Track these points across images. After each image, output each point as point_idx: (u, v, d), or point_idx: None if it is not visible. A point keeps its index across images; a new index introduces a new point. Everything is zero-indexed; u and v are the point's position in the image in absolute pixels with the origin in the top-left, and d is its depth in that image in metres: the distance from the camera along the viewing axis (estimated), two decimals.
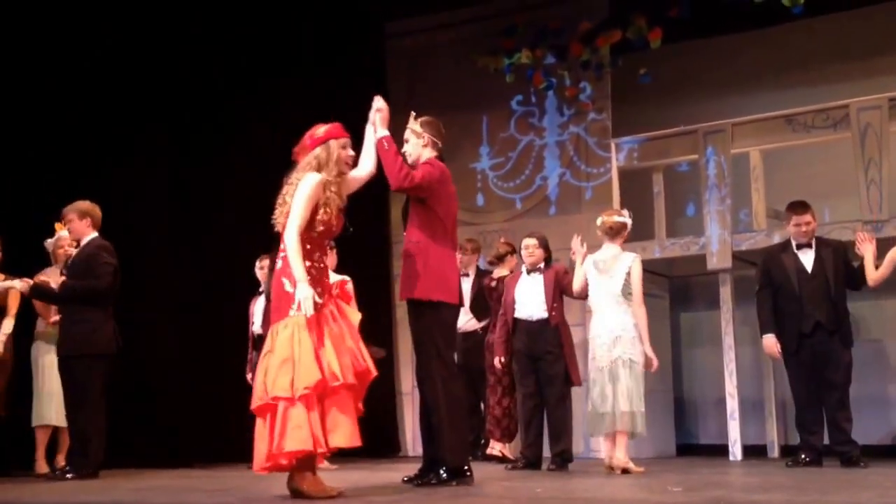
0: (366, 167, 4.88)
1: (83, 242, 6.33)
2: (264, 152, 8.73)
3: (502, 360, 6.98)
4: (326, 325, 4.42)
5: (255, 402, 4.37)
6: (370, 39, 9.74)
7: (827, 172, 8.49)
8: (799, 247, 6.76)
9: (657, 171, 8.70)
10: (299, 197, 4.44)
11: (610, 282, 6.24)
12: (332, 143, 4.63)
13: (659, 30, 8.14)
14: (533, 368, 6.70)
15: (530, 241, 6.83)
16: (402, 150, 5.08)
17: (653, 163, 8.68)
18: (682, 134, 8.48)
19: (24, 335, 6.86)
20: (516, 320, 6.79)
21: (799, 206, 6.84)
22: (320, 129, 4.68)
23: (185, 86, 8.50)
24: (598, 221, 6.44)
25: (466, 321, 7.82)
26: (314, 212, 4.48)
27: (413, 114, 5.27)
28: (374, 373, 4.54)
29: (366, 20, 9.54)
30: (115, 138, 8.14)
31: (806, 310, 6.56)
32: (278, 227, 4.56)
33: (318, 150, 4.61)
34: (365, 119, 5.01)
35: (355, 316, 4.59)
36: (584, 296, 6.51)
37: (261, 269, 7.51)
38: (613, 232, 6.36)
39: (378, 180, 5.03)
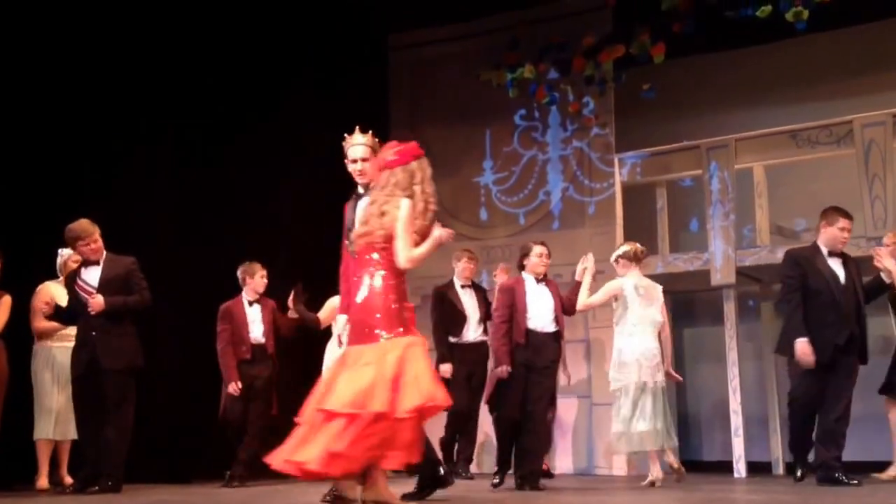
0: None
1: (103, 259, 6.34)
2: (266, 162, 8.74)
3: (509, 369, 6.52)
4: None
5: (347, 407, 4.18)
6: (373, 51, 9.74)
7: (831, 188, 8.45)
8: (829, 255, 6.35)
9: (660, 186, 8.68)
10: (404, 223, 4.41)
11: (650, 308, 6.59)
12: (424, 161, 4.62)
13: (662, 45, 8.12)
14: (526, 382, 6.42)
15: (544, 250, 6.59)
16: (359, 169, 4.91)
17: (656, 178, 8.67)
18: (686, 149, 8.46)
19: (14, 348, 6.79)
20: (527, 331, 6.49)
21: (845, 212, 6.42)
22: (404, 147, 4.61)
23: (187, 97, 8.49)
24: (624, 249, 6.73)
25: (479, 334, 7.79)
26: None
27: (358, 127, 5.03)
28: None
29: (369, 32, 9.54)
30: (116, 149, 8.12)
31: (843, 321, 6.18)
32: (360, 245, 4.50)
33: (414, 166, 4.57)
34: (369, 131, 4.98)
35: None
36: (573, 313, 6.80)
37: (261, 277, 7.45)
38: (641, 257, 6.76)
39: None
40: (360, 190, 4.93)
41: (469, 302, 7.82)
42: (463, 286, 7.84)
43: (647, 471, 6.65)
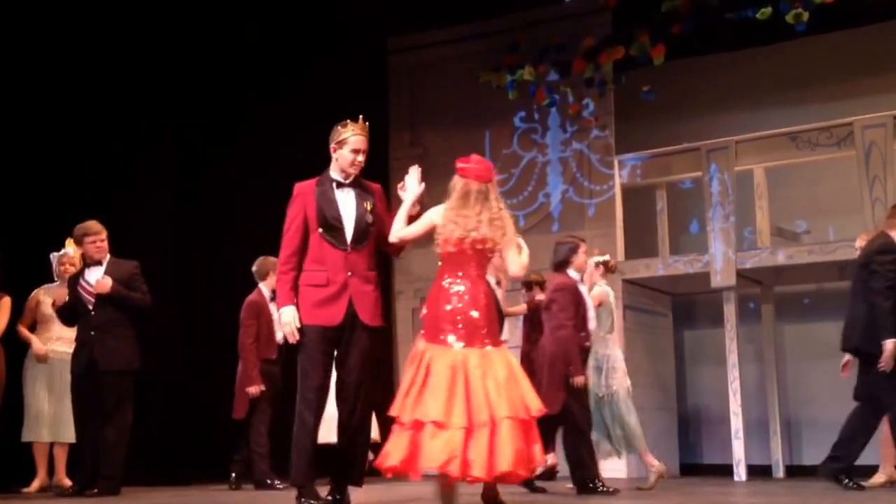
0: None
1: (106, 261, 6.31)
2: (265, 164, 8.72)
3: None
4: None
5: (522, 413, 4.31)
6: (373, 54, 9.72)
7: (831, 190, 8.45)
8: None
9: (660, 188, 8.67)
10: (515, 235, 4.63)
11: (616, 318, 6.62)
12: None
13: (662, 47, 8.10)
14: None
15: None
16: (360, 161, 4.73)
17: (656, 180, 8.65)
18: (686, 151, 8.45)
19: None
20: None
21: None
22: (487, 163, 4.70)
23: (188, 98, 8.49)
24: (604, 258, 6.60)
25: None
26: None
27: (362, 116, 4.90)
28: None
29: (368, 35, 9.52)
30: (115, 150, 8.10)
31: None
32: (468, 251, 4.50)
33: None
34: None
35: None
36: None
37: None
38: (614, 272, 6.86)
39: None
40: (342, 178, 4.72)
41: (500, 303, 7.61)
42: (497, 283, 7.59)
43: (640, 473, 6.65)
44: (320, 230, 4.66)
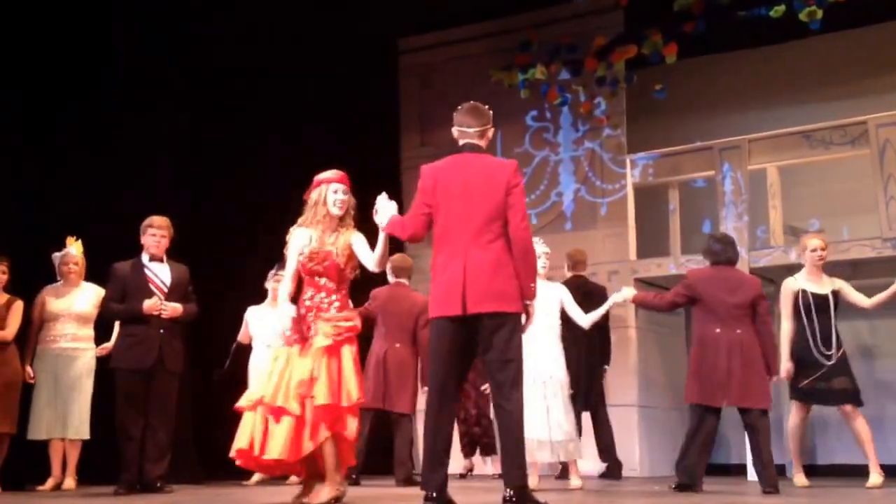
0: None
1: (166, 259, 6.32)
2: (276, 167, 8.74)
3: None
4: None
5: None
6: (383, 55, 9.72)
7: (845, 189, 8.41)
8: None
9: (673, 187, 8.63)
10: None
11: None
12: (323, 186, 4.88)
13: (674, 45, 8.09)
14: None
15: None
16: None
17: (668, 179, 8.62)
18: (698, 150, 8.42)
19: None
20: None
21: None
22: (322, 174, 4.92)
23: (195, 99, 8.50)
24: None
25: None
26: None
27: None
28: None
29: (378, 36, 9.52)
30: (121, 155, 8.12)
31: None
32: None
33: (314, 193, 4.89)
34: (373, 135, 4.95)
35: None
36: None
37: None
38: None
39: None
40: None
41: None
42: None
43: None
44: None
